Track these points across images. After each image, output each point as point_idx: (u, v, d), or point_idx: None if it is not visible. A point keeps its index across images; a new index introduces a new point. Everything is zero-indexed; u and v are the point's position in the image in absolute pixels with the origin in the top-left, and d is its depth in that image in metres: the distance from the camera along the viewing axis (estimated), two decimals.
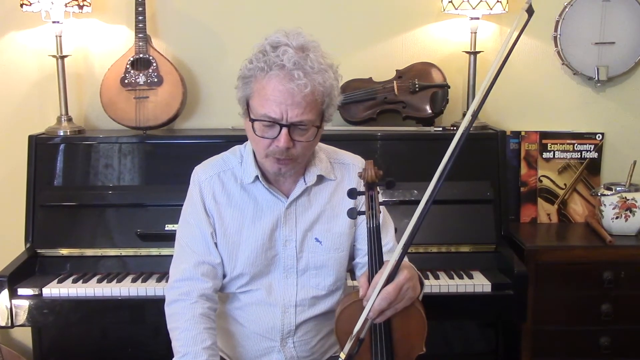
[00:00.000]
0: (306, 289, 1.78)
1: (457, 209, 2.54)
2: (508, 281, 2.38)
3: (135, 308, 2.37)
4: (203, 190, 1.76)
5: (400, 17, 2.88)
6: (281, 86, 1.55)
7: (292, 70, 1.54)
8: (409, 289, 1.53)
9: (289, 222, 1.75)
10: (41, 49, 2.83)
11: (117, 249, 2.52)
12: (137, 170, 2.62)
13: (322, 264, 1.77)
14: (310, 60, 1.56)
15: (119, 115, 2.70)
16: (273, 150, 1.62)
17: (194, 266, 1.72)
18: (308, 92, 1.56)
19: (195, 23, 2.88)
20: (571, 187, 2.87)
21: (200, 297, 1.71)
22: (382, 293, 1.48)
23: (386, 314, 1.52)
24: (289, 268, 1.77)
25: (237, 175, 1.76)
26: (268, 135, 1.61)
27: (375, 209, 1.57)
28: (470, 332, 2.76)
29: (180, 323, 1.67)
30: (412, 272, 1.57)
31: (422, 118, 2.78)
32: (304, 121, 1.58)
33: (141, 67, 2.70)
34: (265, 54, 1.59)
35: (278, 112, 1.57)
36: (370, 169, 1.56)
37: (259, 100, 1.59)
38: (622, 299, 2.52)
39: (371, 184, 1.57)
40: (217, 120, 2.91)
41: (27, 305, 2.34)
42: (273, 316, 1.77)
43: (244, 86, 1.64)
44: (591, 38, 2.83)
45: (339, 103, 1.69)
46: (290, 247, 1.76)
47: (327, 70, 1.60)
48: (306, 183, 1.75)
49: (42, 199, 2.56)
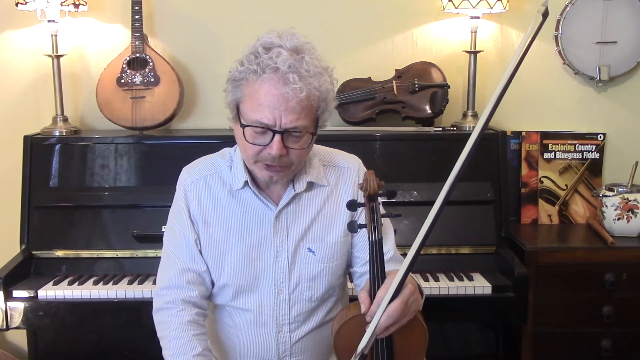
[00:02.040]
0: (299, 303, 1.70)
1: (457, 210, 2.53)
2: (509, 283, 2.37)
3: (132, 310, 2.35)
4: (188, 194, 1.68)
5: (399, 16, 2.87)
6: (275, 90, 1.46)
7: (287, 73, 1.46)
8: (413, 302, 1.48)
9: (280, 232, 1.67)
10: (36, 48, 2.82)
11: (113, 250, 2.50)
12: (134, 171, 2.61)
13: (315, 275, 1.69)
14: (306, 63, 1.48)
15: (115, 115, 2.69)
16: (264, 156, 1.54)
17: (179, 273, 1.67)
18: (303, 96, 1.47)
19: (193, 22, 2.87)
20: (572, 188, 2.86)
21: (187, 304, 1.66)
22: (388, 310, 1.42)
23: (390, 329, 1.47)
24: (280, 282, 1.68)
25: (225, 180, 1.68)
26: (259, 142, 1.52)
27: (377, 221, 1.49)
28: (471, 334, 2.75)
29: (169, 332, 1.63)
30: (414, 283, 1.52)
31: (421, 118, 2.77)
32: (298, 127, 1.50)
33: (137, 67, 2.68)
34: (257, 55, 1.50)
35: (271, 118, 1.48)
36: (372, 180, 1.48)
37: (250, 105, 1.51)
38: (623, 301, 2.51)
39: (372, 196, 1.49)
40: (215, 121, 2.90)
41: (22, 307, 2.33)
42: (267, 337, 1.71)
43: (234, 89, 1.55)
44: (592, 37, 2.82)
45: (333, 107, 1.60)
46: (281, 259, 1.67)
47: (323, 73, 1.52)
48: (295, 190, 1.66)
49: (37, 200, 2.55)
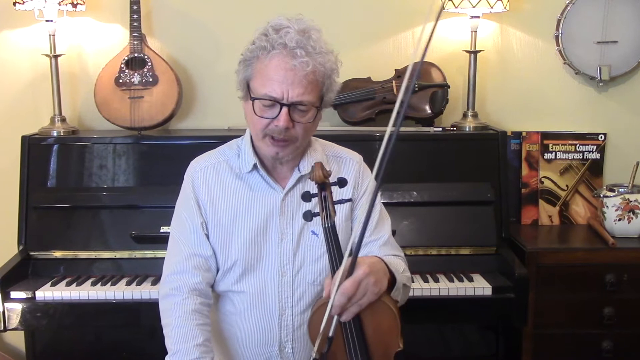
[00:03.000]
0: (303, 286, 1.75)
1: (456, 211, 2.53)
2: (509, 284, 2.37)
3: (130, 311, 2.35)
4: (195, 181, 1.76)
5: (399, 15, 2.87)
6: (283, 64, 1.58)
7: (295, 49, 1.58)
8: (369, 283, 1.51)
9: (285, 215, 1.74)
10: (34, 48, 2.82)
11: (111, 251, 2.50)
12: (132, 172, 2.61)
13: (318, 258, 1.75)
14: (313, 41, 1.60)
15: (113, 115, 2.69)
16: (271, 129, 1.63)
17: (186, 258, 1.72)
18: (309, 70, 1.58)
19: (191, 21, 2.86)
20: (573, 189, 2.86)
21: (192, 291, 1.70)
22: (340, 288, 1.48)
23: (350, 310, 1.51)
24: (285, 264, 1.74)
25: (232, 166, 1.77)
26: (268, 115, 1.62)
27: (329, 209, 1.58)
28: (471, 335, 2.74)
29: (172, 319, 1.67)
30: (373, 266, 1.55)
31: (421, 118, 2.77)
32: (304, 101, 1.60)
33: (136, 67, 2.68)
34: (267, 34, 1.62)
35: (279, 92, 1.59)
36: (318, 170, 1.58)
37: (260, 80, 1.62)
38: (624, 302, 2.50)
39: (322, 185, 1.59)
40: (213, 121, 2.90)
41: (20, 308, 2.33)
42: (270, 320, 1.75)
43: (245, 68, 1.66)
44: (593, 37, 2.82)
45: (338, 89, 1.71)
46: (286, 241, 1.74)
47: (328, 53, 1.64)
48: (300, 172, 1.75)
49: (35, 200, 2.55)
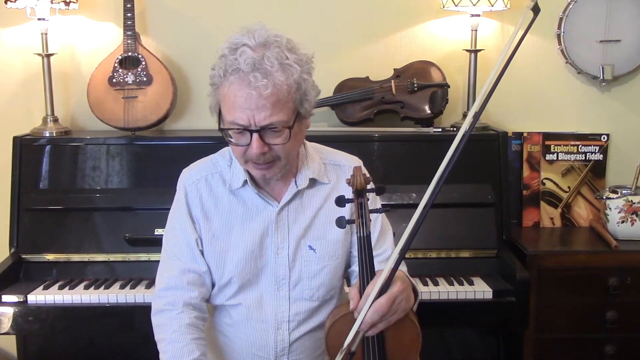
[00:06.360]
0: (299, 301, 1.72)
1: (457, 213, 2.52)
2: (510, 287, 2.36)
3: (124, 315, 2.34)
4: (189, 194, 1.72)
5: (398, 14, 2.85)
6: (241, 91, 1.49)
7: (249, 73, 1.48)
8: (402, 300, 1.49)
9: (280, 229, 1.70)
10: (26, 47, 2.80)
11: (104, 254, 2.49)
12: (126, 173, 2.59)
13: (315, 274, 1.72)
14: (268, 59, 1.48)
15: (106, 115, 2.68)
16: (250, 155, 1.57)
17: (179, 274, 1.69)
18: (269, 93, 1.48)
19: (186, 20, 2.85)
20: (575, 190, 2.84)
21: (187, 306, 1.68)
22: (374, 305, 1.44)
23: (378, 326, 1.49)
24: (280, 279, 1.71)
25: (225, 179, 1.72)
26: (242, 142, 1.56)
27: (366, 217, 1.52)
28: (471, 339, 2.74)
29: (167, 334, 1.64)
30: (405, 282, 1.53)
31: (421, 118, 2.75)
32: (273, 123, 1.52)
33: (130, 66, 2.67)
34: (224, 57, 1.53)
35: (245, 118, 1.51)
36: (359, 175, 1.52)
37: (225, 108, 1.55)
38: (627, 306, 2.49)
39: (360, 191, 1.52)
40: (209, 121, 2.77)
41: (11, 312, 2.32)
42: (265, 333, 1.72)
43: (213, 92, 1.59)
44: (596, 36, 2.80)
45: (316, 97, 1.60)
46: (282, 255, 1.70)
47: (292, 65, 1.51)
48: (297, 186, 1.70)
49: (27, 202, 2.53)
